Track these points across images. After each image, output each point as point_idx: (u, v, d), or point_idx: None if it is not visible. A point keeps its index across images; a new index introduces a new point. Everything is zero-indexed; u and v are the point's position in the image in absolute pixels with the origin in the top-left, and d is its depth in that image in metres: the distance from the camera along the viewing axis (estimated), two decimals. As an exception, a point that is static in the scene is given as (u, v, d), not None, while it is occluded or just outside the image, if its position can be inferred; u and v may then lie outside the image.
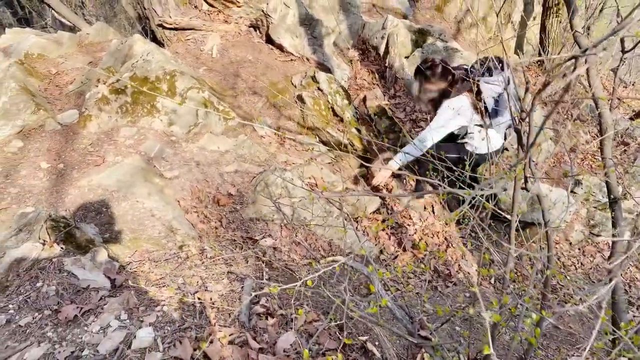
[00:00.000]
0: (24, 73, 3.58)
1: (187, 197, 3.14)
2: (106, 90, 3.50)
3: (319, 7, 5.27)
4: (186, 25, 4.65)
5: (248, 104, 4.25)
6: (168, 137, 3.52)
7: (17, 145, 3.15)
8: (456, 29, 6.79)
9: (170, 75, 3.69)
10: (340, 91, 4.37)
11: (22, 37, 4.20)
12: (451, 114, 3.32)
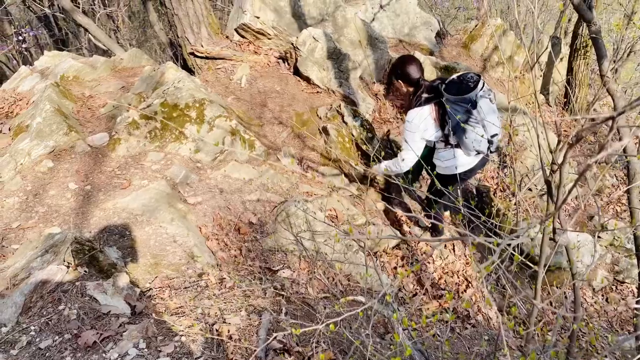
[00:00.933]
0: (59, 95, 3.70)
1: (209, 223, 3.17)
2: (137, 115, 3.59)
3: (346, 41, 5.36)
4: (217, 55, 4.77)
5: (273, 133, 4.30)
6: (194, 164, 3.58)
7: (47, 165, 3.23)
8: (482, 67, 6.82)
9: (200, 103, 3.77)
10: (365, 125, 4.40)
11: (59, 60, 4.36)
12: (414, 129, 3.22)
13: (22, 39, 7.41)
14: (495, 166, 5.17)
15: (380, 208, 4.12)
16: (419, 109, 3.20)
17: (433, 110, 3.19)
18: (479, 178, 5.02)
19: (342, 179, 4.09)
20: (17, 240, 2.69)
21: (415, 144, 3.28)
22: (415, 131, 3.23)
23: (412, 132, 3.24)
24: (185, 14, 4.65)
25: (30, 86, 4.03)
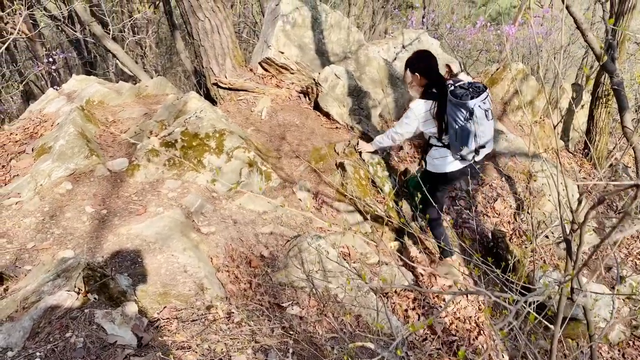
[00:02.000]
0: (83, 119, 3.77)
1: (221, 255, 3.16)
2: (157, 142, 3.64)
3: (368, 79, 5.42)
4: (240, 87, 4.85)
5: (290, 166, 4.32)
6: (210, 193, 3.60)
7: (66, 187, 3.28)
8: (502, 110, 6.82)
9: (220, 133, 3.81)
10: (382, 162, 4.40)
11: (86, 84, 4.47)
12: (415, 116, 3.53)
13: (53, 60, 7.63)
14: (512, 211, 5.11)
15: (394, 247, 4.08)
16: (424, 101, 3.49)
17: (434, 106, 3.45)
18: (495, 222, 4.96)
19: (357, 217, 4.07)
20: (30, 261, 2.70)
21: (410, 127, 3.61)
22: (415, 119, 3.55)
23: (412, 118, 3.56)
24: (212, 46, 4.76)
25: (56, 108, 4.13)
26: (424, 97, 3.50)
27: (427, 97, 3.48)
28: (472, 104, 3.24)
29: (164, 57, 12.13)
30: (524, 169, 5.54)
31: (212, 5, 4.58)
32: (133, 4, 11.08)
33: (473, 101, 3.24)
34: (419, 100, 3.51)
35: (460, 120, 3.31)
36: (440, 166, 3.66)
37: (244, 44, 10.87)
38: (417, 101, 3.52)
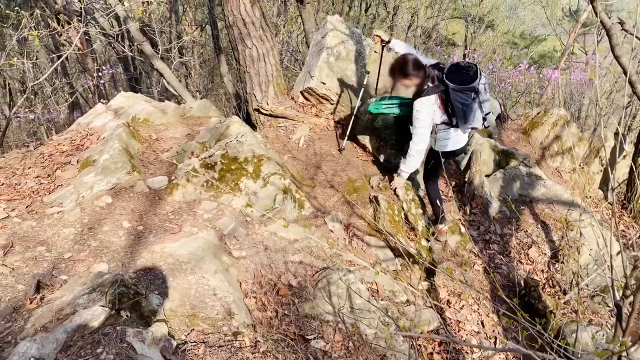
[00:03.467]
0: (128, 135, 3.89)
1: (250, 280, 3.16)
2: (197, 163, 3.71)
3: (407, 115, 5.42)
4: (280, 114, 4.93)
5: (324, 196, 4.32)
6: (244, 217, 3.63)
7: (106, 201, 3.36)
8: (540, 155, 6.71)
9: (258, 159, 3.86)
10: (416, 199, 4.37)
11: (133, 102, 4.62)
12: (425, 115, 3.68)
13: (101, 74, 7.92)
14: (546, 259, 4.97)
15: (424, 287, 4.01)
16: (426, 98, 3.63)
17: (438, 98, 3.64)
18: (528, 270, 4.83)
19: (387, 253, 4.03)
20: (66, 271, 2.76)
21: (425, 131, 3.76)
22: (425, 119, 3.70)
23: (423, 119, 3.70)
24: (257, 73, 4.87)
25: (103, 123, 4.27)
26: (424, 94, 3.63)
27: (427, 94, 3.63)
28: (477, 84, 3.53)
29: (207, 78, 12.44)
30: (561, 217, 5.40)
31: (260, 34, 4.70)
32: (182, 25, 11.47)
33: (476, 82, 3.52)
34: (420, 99, 3.64)
35: (467, 101, 3.58)
36: (448, 145, 3.91)
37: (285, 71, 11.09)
38: (418, 101, 3.66)
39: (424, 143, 3.87)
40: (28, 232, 3.04)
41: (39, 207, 3.30)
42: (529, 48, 16.12)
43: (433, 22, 12.54)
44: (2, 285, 2.51)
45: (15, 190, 3.42)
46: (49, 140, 4.10)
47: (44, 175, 3.62)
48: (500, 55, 13.49)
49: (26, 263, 2.74)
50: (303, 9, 7.65)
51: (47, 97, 7.69)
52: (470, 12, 14.11)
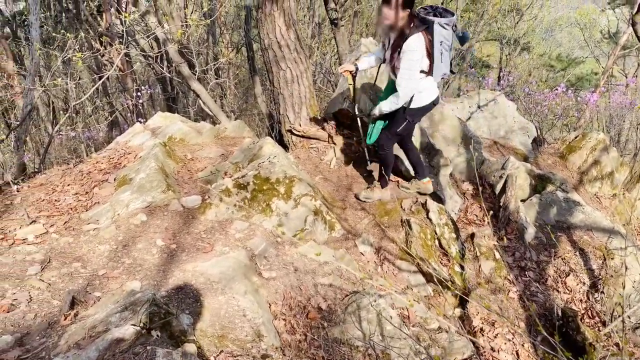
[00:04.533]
0: (164, 155, 3.97)
1: (279, 301, 3.15)
2: (230, 183, 3.74)
3: (440, 137, 5.38)
4: (313, 135, 4.95)
5: (354, 218, 4.30)
6: (274, 238, 3.63)
7: (141, 219, 3.42)
8: (578, 180, 6.52)
9: (290, 180, 3.88)
10: (449, 224, 4.29)
11: (170, 122, 4.73)
12: (420, 55, 3.45)
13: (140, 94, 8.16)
14: (585, 289, 4.79)
15: (456, 314, 3.91)
16: (417, 35, 3.39)
17: (425, 37, 3.43)
18: (566, 299, 4.66)
19: (419, 278, 3.96)
20: (100, 288, 2.81)
21: (416, 74, 3.52)
22: (421, 58, 3.47)
23: (415, 60, 3.45)
24: (290, 95, 4.92)
25: (140, 142, 4.38)
26: (415, 31, 3.40)
27: (417, 31, 3.41)
28: (455, 19, 3.46)
29: (242, 98, 12.65)
30: (601, 245, 5.21)
31: (294, 56, 4.76)
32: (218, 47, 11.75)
33: (456, 16, 3.47)
34: (414, 37, 3.39)
35: (448, 40, 3.50)
36: (427, 97, 3.71)
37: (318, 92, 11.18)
38: (414, 39, 3.40)
39: (412, 90, 3.60)
40: (65, 248, 3.12)
41: (76, 223, 3.38)
42: (566, 70, 15.83)
43: (467, 44, 12.47)
44: (39, 300, 2.56)
45: (54, 206, 3.52)
46: (88, 158, 4.23)
47: (82, 192, 3.72)
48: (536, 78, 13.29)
49: (62, 279, 2.80)
50: (337, 32, 7.72)
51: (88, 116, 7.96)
52: (505, 35, 14.00)
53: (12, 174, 4.44)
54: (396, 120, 3.86)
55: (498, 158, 5.80)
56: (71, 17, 12.13)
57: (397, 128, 3.89)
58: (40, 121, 8.83)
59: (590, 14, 15.81)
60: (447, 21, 3.46)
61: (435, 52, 3.50)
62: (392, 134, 3.97)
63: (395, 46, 3.53)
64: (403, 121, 3.83)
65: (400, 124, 3.85)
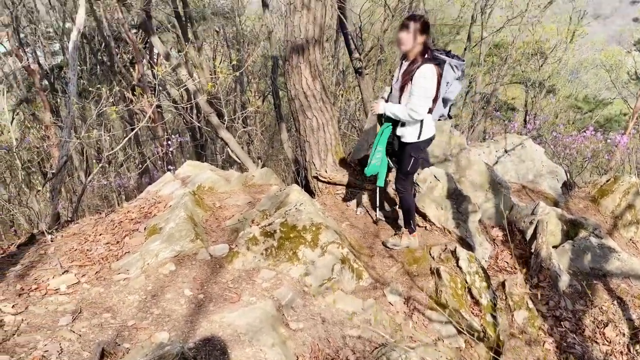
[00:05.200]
0: (193, 203, 4.03)
1: (307, 354, 3.09)
2: (258, 231, 3.77)
3: (467, 182, 5.34)
4: (338, 182, 4.98)
5: (382, 266, 4.24)
6: (301, 287, 3.60)
7: (170, 269, 3.45)
8: (612, 225, 6.34)
9: (316, 227, 3.88)
10: (480, 272, 4.20)
11: (199, 171, 4.83)
12: (433, 84, 3.51)
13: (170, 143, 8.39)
14: (625, 340, 4.57)
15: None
16: (433, 66, 3.48)
17: (437, 71, 3.52)
18: (605, 351, 4.45)
19: (450, 329, 3.85)
20: (129, 339, 2.81)
21: (428, 100, 3.55)
22: (433, 87, 3.53)
23: (430, 88, 3.52)
24: (316, 142, 4.99)
25: (170, 191, 4.47)
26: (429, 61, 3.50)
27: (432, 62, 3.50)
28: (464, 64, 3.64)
29: (268, 144, 12.88)
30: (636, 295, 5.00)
31: (320, 105, 4.86)
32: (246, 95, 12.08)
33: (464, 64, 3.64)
34: (428, 65, 3.47)
35: (452, 82, 3.66)
36: (428, 132, 3.78)
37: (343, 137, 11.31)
38: (428, 66, 3.47)
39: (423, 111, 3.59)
40: (96, 298, 3.15)
41: (107, 273, 3.43)
42: (593, 112, 15.67)
43: (492, 88, 12.53)
44: (69, 352, 2.58)
45: (86, 256, 3.59)
46: (119, 207, 4.33)
47: (114, 241, 3.78)
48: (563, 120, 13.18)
49: (92, 330, 2.82)
50: (361, 80, 7.88)
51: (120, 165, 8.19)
52: (530, 78, 14.03)
53: (47, 224, 4.57)
54: (402, 161, 3.96)
55: (527, 203, 5.70)
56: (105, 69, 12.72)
57: (406, 168, 3.97)
58: (74, 170, 9.13)
59: (616, 55, 15.78)
60: (457, 63, 3.61)
61: (440, 90, 3.62)
62: (404, 175, 4.05)
63: (406, 72, 3.61)
64: (409, 159, 3.90)
65: (407, 163, 3.93)
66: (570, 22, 14.46)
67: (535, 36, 13.85)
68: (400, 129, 3.82)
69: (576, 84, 17.89)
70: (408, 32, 3.47)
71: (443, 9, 14.81)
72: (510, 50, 12.59)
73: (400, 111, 3.67)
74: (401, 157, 3.97)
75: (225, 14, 12.80)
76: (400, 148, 3.93)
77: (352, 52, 7.71)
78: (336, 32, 11.32)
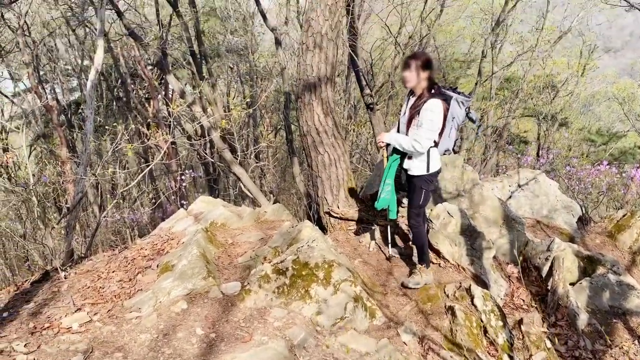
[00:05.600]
0: (206, 240, 4.04)
1: (319, 395, 3.03)
2: (270, 269, 3.75)
3: (481, 218, 5.30)
4: (350, 217, 4.97)
5: (396, 304, 4.19)
6: (313, 326, 3.55)
7: (181, 307, 3.43)
8: (630, 260, 6.21)
9: (329, 264, 3.85)
10: (496, 310, 4.12)
11: (212, 207, 4.86)
12: (440, 117, 3.60)
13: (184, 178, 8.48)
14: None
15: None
16: (438, 101, 3.58)
17: (444, 106, 3.62)
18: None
19: (466, 369, 3.75)
20: (140, 380, 2.79)
21: (433, 133, 3.63)
22: (439, 121, 3.61)
23: (437, 121, 3.60)
24: (328, 177, 5.01)
25: (183, 227, 4.49)
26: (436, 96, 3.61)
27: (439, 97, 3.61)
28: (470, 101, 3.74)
29: (280, 177, 12.95)
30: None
31: (332, 141, 4.90)
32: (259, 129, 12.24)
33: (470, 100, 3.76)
34: (435, 99, 3.58)
35: (458, 119, 3.76)
36: (436, 164, 3.85)
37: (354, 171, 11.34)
38: (434, 102, 3.58)
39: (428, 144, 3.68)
40: (108, 337, 3.14)
41: (119, 311, 3.42)
42: (607, 145, 15.57)
43: (504, 121, 12.55)
44: (80, 393, 2.56)
45: (99, 294, 3.59)
46: (132, 244, 4.35)
47: (126, 279, 3.79)
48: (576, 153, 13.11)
49: (103, 370, 2.80)
50: (373, 115, 7.95)
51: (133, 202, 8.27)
52: (542, 110, 14.04)
53: (61, 260, 4.60)
54: (413, 194, 4.00)
55: (542, 239, 5.63)
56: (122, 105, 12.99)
57: (417, 201, 4.00)
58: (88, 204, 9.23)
59: (628, 88, 15.77)
60: (463, 99, 3.74)
61: (446, 124, 3.70)
62: (416, 208, 4.05)
63: (414, 107, 3.73)
64: (419, 192, 3.94)
65: (419, 196, 3.96)
66: (581, 56, 14.55)
67: (546, 70, 13.94)
68: (407, 162, 3.90)
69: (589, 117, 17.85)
70: (410, 70, 3.63)
71: (453, 44, 15.00)
72: (521, 84, 12.65)
73: (405, 142, 3.76)
74: (411, 191, 4.01)
75: (239, 51, 13.10)
76: (409, 181, 3.99)
77: (364, 88, 7.81)
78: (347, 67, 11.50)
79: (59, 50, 13.43)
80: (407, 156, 3.87)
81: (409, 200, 4.09)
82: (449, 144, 3.92)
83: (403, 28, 9.73)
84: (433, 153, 3.82)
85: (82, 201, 7.32)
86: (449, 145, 3.93)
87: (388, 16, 9.32)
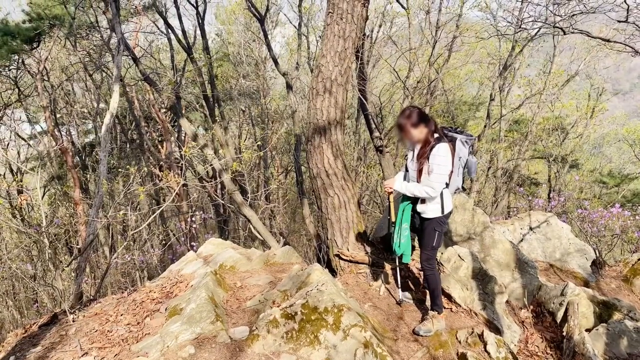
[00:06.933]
0: (215, 283, 4.03)
1: None
2: (278, 313, 3.71)
3: (493, 262, 5.23)
4: (360, 260, 4.94)
5: (407, 350, 4.09)
6: (323, 373, 3.48)
7: (189, 352, 3.38)
8: (649, 306, 6.06)
9: (338, 309, 3.80)
10: (510, 358, 4.01)
11: (222, 249, 4.86)
12: (448, 161, 3.64)
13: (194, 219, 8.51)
14: None
15: None
16: (446, 145, 3.65)
17: (451, 149, 3.69)
18: None
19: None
20: None
21: (444, 177, 3.67)
22: (449, 164, 3.66)
23: (447, 165, 3.65)
24: (338, 220, 5.01)
25: (193, 270, 4.49)
26: (441, 140, 3.67)
27: (442, 141, 3.67)
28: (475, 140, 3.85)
29: (290, 218, 12.95)
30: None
31: (342, 184, 4.93)
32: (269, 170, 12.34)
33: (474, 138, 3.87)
34: (442, 144, 3.64)
35: (464, 158, 3.81)
36: (449, 204, 3.89)
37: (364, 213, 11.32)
38: (443, 145, 3.64)
39: (439, 190, 3.73)
40: (114, 382, 3.10)
41: (126, 355, 3.39)
42: (619, 186, 15.44)
43: (513, 163, 12.55)
44: None
45: (107, 337, 3.56)
46: (142, 286, 4.34)
47: (134, 322, 3.76)
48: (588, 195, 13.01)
49: (108, 417, 2.75)
50: (382, 158, 8.00)
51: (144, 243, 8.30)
52: (552, 152, 14.05)
53: (70, 302, 4.59)
54: (426, 237, 4.00)
55: (556, 283, 5.52)
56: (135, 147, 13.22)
57: (431, 243, 3.99)
58: (99, 245, 9.27)
59: (639, 130, 15.77)
60: (467, 139, 3.81)
61: (455, 165, 3.76)
62: (429, 250, 4.04)
63: (421, 154, 3.78)
64: (434, 234, 3.95)
65: (432, 238, 3.96)
66: (589, 98, 14.64)
67: (554, 112, 14.02)
68: (420, 206, 3.93)
69: (600, 158, 17.79)
70: (406, 132, 3.73)
71: (462, 87, 15.20)
72: (530, 126, 12.72)
73: (417, 190, 3.80)
74: (424, 234, 4.01)
75: (251, 94, 13.39)
76: (422, 224, 4.01)
77: (373, 131, 7.90)
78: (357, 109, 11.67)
79: (76, 94, 13.82)
80: (419, 200, 3.91)
81: (422, 244, 4.08)
82: (458, 183, 3.97)
83: (411, 72, 9.91)
84: (446, 194, 3.86)
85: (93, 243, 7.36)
86: (458, 184, 3.98)
87: (397, 61, 9.51)
